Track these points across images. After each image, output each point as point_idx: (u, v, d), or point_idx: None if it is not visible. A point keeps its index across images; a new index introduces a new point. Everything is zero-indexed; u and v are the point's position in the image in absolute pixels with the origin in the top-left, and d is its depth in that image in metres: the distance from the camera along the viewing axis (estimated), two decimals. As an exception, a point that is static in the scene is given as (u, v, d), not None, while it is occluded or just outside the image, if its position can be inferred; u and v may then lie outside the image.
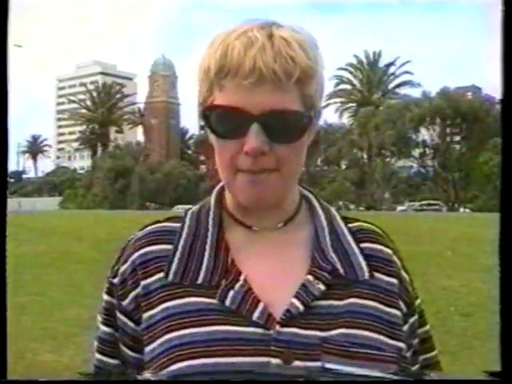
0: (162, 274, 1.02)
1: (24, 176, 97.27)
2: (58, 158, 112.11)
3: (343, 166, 59.16)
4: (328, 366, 0.94)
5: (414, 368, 1.08)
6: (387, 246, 1.10)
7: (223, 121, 0.97)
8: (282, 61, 0.94)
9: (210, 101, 0.99)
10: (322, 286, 0.99)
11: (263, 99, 0.94)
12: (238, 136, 0.95)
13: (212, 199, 1.10)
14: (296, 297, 0.98)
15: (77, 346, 6.41)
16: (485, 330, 6.88)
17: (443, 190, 52.45)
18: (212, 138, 1.01)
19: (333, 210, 1.12)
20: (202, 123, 1.03)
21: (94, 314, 1.12)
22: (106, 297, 1.08)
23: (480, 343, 6.50)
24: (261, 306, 0.97)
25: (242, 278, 1.00)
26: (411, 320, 1.08)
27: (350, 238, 1.07)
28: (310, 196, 1.12)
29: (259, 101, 0.94)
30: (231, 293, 0.98)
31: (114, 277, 1.07)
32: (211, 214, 1.07)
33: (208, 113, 0.98)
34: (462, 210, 50.27)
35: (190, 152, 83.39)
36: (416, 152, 53.73)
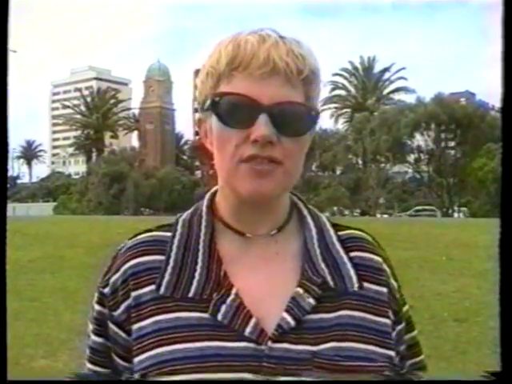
0: (153, 287, 1.01)
1: (18, 181, 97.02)
2: (53, 163, 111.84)
3: (338, 172, 59.17)
4: (319, 381, 0.94)
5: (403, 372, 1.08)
6: (377, 254, 1.10)
7: (232, 109, 0.96)
8: (294, 57, 0.96)
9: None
10: (311, 300, 0.99)
11: (274, 91, 0.95)
12: (245, 125, 0.95)
13: (204, 205, 1.08)
14: (287, 311, 0.98)
15: (71, 351, 6.39)
16: (479, 335, 6.89)
17: (438, 195, 52.50)
18: (216, 127, 0.99)
19: (323, 217, 1.11)
20: (204, 114, 1.03)
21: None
22: (96, 306, 1.07)
23: (474, 348, 6.50)
24: (253, 321, 0.96)
25: (233, 291, 0.99)
26: (399, 327, 1.08)
27: (339, 247, 1.07)
28: (300, 203, 1.11)
29: (270, 92, 0.95)
30: (223, 307, 0.97)
31: (105, 287, 1.06)
32: (203, 221, 1.06)
33: (217, 100, 0.98)
34: (456, 215, 50.34)
35: (184, 157, 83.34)
36: (411, 157, 53.80)
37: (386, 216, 50.87)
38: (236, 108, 0.96)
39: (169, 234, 1.07)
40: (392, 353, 1.02)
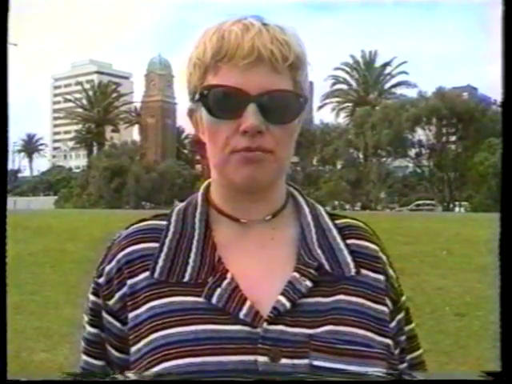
0: (147, 273, 1.01)
1: (19, 175, 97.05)
2: (54, 157, 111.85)
3: (339, 166, 59.09)
4: (315, 363, 0.94)
5: (402, 366, 1.08)
6: (373, 243, 1.10)
7: (220, 101, 0.97)
8: (278, 44, 0.96)
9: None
10: (308, 283, 0.99)
11: (260, 80, 0.95)
12: (234, 116, 0.96)
13: (199, 195, 1.09)
14: (283, 294, 0.98)
15: (71, 345, 6.39)
16: (479, 329, 6.89)
17: (438, 189, 52.46)
18: (206, 119, 1.00)
19: (319, 206, 1.12)
20: (195, 105, 1.03)
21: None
22: (91, 297, 1.08)
23: (474, 343, 6.51)
24: (248, 304, 0.97)
25: (228, 275, 0.99)
26: (398, 317, 1.08)
27: (336, 234, 1.07)
28: (296, 193, 1.12)
29: (256, 81, 0.95)
30: (218, 291, 0.98)
31: (100, 276, 1.06)
32: (198, 209, 1.07)
33: (205, 93, 0.98)
34: (457, 209, 50.31)
35: (185, 151, 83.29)
36: (412, 152, 53.73)
37: (386, 210, 50.85)
38: (224, 100, 0.97)
39: (164, 222, 1.07)
40: (389, 341, 1.02)
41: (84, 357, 1.10)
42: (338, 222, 1.10)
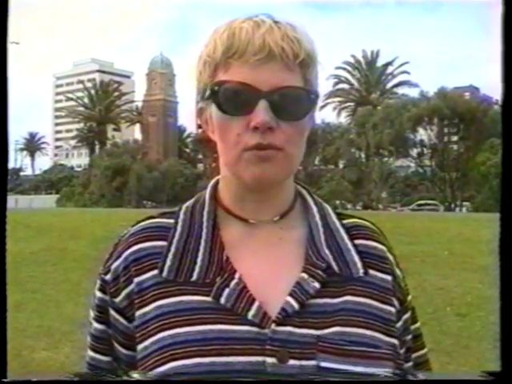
0: (155, 271, 1.01)
1: (21, 173, 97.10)
2: (56, 155, 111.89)
3: (341, 165, 58.99)
4: (323, 364, 0.93)
5: (408, 365, 1.08)
6: (381, 243, 1.10)
7: (230, 97, 0.97)
8: (289, 41, 0.96)
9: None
10: (316, 284, 0.99)
11: (271, 76, 0.95)
12: (245, 112, 0.96)
13: (207, 193, 1.09)
14: (291, 295, 0.98)
15: (73, 343, 6.41)
16: (480, 329, 6.89)
17: (440, 189, 52.36)
18: (216, 116, 1.00)
19: (327, 206, 1.11)
20: (205, 103, 1.03)
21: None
22: (98, 293, 1.08)
23: (475, 343, 6.50)
24: (256, 305, 0.96)
25: (236, 275, 0.99)
26: (405, 317, 1.09)
27: (344, 234, 1.07)
28: (304, 192, 1.12)
29: (267, 78, 0.95)
30: (226, 291, 0.98)
31: (107, 273, 1.06)
32: (206, 208, 1.07)
33: (215, 89, 0.98)
34: (458, 209, 50.24)
35: (187, 150, 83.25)
36: (413, 152, 53.64)
37: (388, 210, 50.79)
38: (235, 96, 0.97)
39: (171, 220, 1.07)
40: (396, 341, 1.02)
41: (90, 353, 1.10)
42: (345, 221, 1.10)
